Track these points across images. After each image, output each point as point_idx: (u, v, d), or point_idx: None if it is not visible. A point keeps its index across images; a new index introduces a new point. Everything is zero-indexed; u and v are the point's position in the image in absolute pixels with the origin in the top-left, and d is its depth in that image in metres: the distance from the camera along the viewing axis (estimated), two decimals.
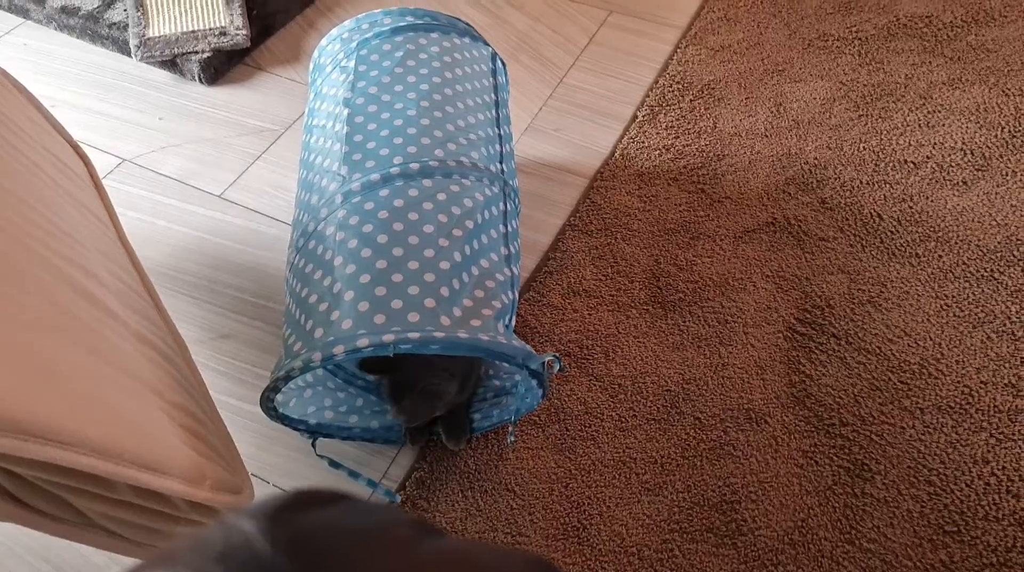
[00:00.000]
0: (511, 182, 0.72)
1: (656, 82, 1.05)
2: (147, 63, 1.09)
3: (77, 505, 0.44)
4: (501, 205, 0.69)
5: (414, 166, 0.64)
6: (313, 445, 0.68)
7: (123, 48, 1.11)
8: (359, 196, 0.62)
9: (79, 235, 0.56)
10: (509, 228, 0.69)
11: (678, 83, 1.04)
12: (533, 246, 0.87)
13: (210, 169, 0.98)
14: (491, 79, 0.78)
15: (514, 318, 0.65)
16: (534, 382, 0.61)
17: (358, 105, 0.69)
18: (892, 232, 0.85)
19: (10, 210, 0.48)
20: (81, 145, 0.69)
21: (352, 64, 0.73)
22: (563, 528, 0.66)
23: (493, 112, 0.76)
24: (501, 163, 0.72)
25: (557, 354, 0.67)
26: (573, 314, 0.80)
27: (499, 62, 0.81)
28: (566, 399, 0.74)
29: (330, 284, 0.58)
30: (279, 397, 0.63)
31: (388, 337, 0.52)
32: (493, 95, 0.77)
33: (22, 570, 0.65)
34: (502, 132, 0.75)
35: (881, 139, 0.95)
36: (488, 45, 0.81)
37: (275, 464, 0.72)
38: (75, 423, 0.38)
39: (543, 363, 0.59)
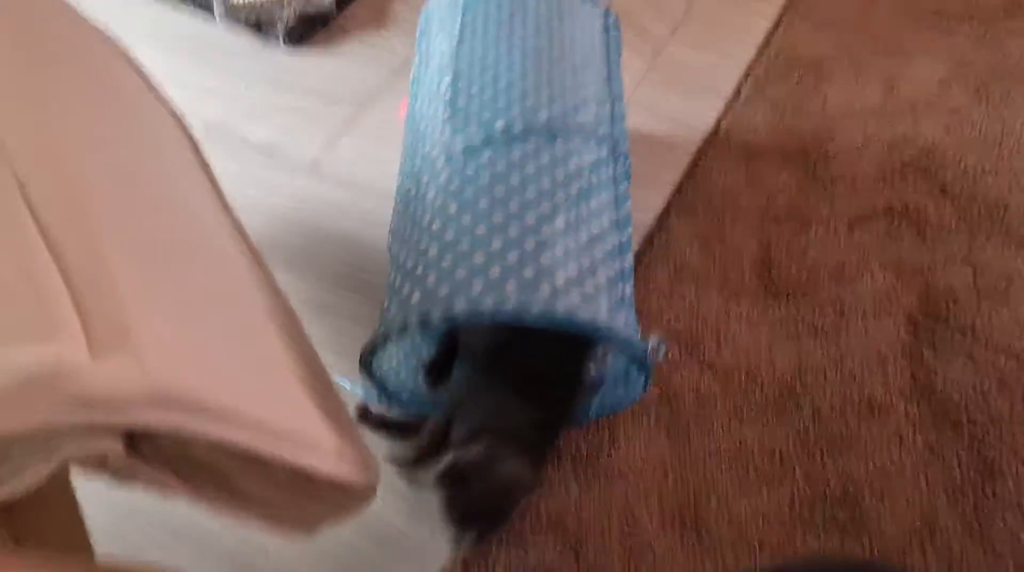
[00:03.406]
0: (621, 144, 0.69)
1: (759, 56, 1.00)
2: (232, 29, 1.07)
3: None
4: (610, 168, 0.66)
5: (517, 128, 0.62)
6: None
7: (208, 14, 1.09)
8: (460, 160, 0.61)
9: (197, 204, 0.55)
10: (619, 192, 0.66)
11: (783, 58, 0.99)
12: (636, 226, 0.84)
13: (297, 137, 0.96)
14: (603, 35, 0.75)
15: (629, 287, 0.61)
16: (636, 371, 0.58)
17: (462, 68, 0.67)
18: (1019, 223, 0.81)
19: (155, 189, 0.47)
20: None
21: (456, 27, 0.71)
22: (680, 516, 0.65)
23: (604, 70, 0.72)
24: (612, 125, 0.69)
25: (661, 336, 0.63)
26: (680, 300, 0.78)
27: (611, 18, 0.78)
28: (677, 385, 0.72)
29: (425, 248, 0.57)
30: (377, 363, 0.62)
31: (488, 304, 0.51)
32: (604, 51, 0.74)
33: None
34: (613, 91, 0.72)
35: (1004, 124, 0.90)
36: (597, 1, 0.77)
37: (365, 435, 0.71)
38: (240, 402, 0.38)
39: (647, 351, 0.56)
